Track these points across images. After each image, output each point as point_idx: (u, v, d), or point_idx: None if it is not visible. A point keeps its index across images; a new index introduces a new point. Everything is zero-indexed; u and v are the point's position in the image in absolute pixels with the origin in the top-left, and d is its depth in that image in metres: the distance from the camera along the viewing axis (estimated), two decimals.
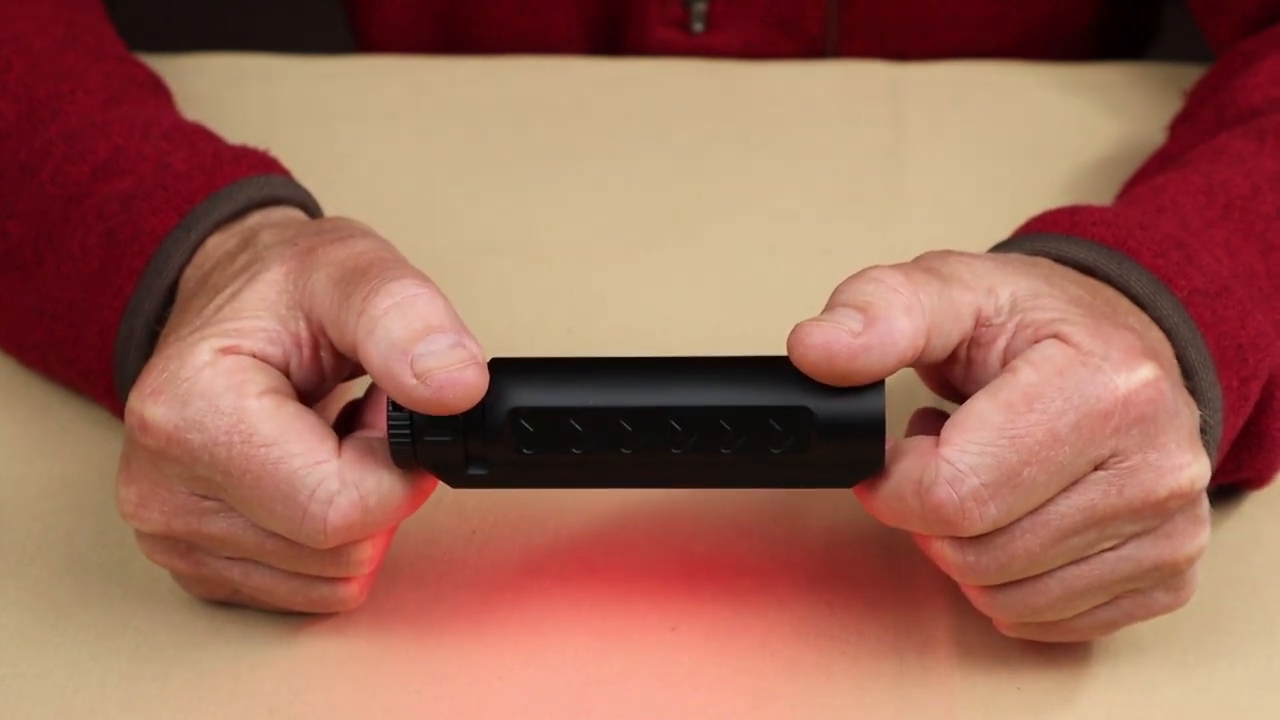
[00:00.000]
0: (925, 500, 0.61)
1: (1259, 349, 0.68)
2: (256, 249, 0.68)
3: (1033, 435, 0.60)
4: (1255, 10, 0.87)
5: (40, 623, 0.70)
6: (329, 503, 0.62)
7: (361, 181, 0.90)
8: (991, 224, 0.87)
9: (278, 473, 0.61)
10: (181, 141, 0.74)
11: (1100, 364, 0.61)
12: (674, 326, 0.82)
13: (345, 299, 0.62)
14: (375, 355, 0.61)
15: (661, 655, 0.68)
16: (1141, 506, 0.62)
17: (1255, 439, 0.70)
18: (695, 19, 0.99)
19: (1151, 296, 0.66)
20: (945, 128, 0.94)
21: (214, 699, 0.67)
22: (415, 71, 0.97)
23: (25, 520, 0.74)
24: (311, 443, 0.62)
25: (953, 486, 0.60)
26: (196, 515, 0.64)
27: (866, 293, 0.62)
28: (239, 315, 0.64)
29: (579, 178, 0.91)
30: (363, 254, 0.64)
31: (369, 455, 0.63)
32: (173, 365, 0.63)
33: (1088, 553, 0.62)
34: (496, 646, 0.69)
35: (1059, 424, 0.60)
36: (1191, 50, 0.98)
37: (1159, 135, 0.90)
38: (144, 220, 0.71)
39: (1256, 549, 0.72)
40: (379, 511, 0.63)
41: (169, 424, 0.62)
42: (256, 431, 0.62)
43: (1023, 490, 0.60)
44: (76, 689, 0.68)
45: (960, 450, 0.60)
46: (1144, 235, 0.68)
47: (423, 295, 0.62)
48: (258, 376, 0.63)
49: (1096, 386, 0.60)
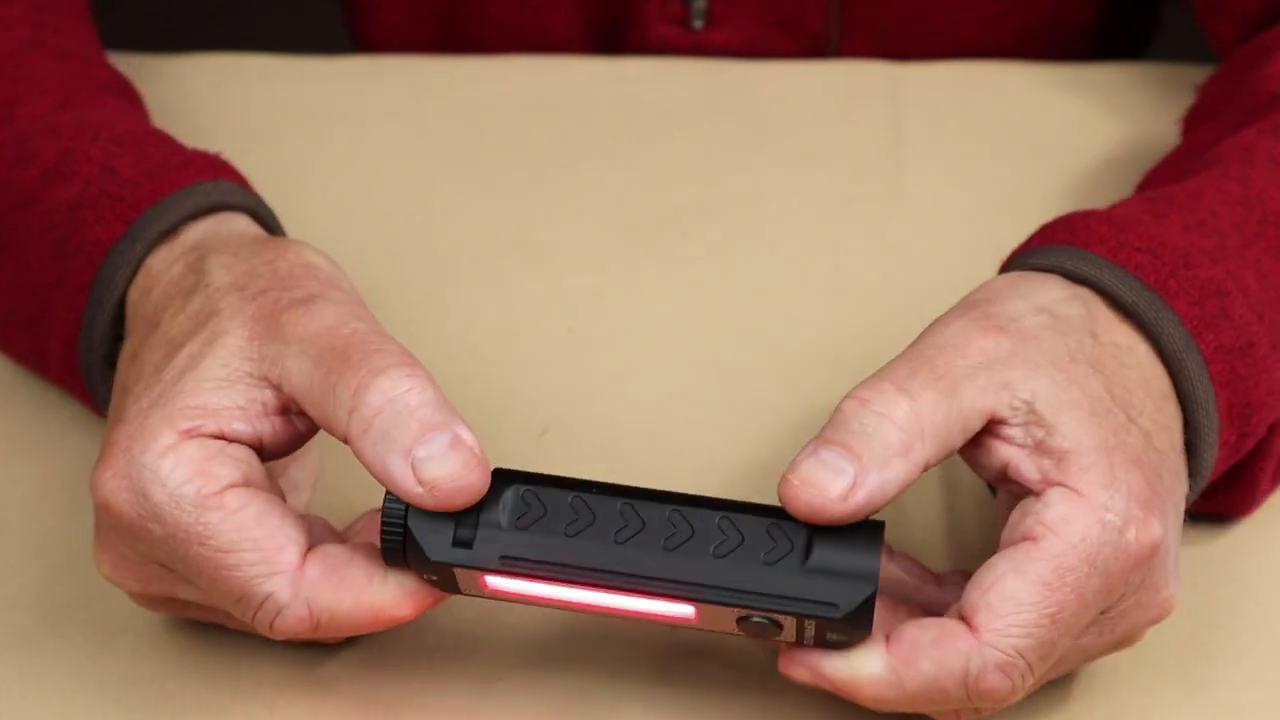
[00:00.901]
0: (976, 689, 0.60)
1: (1266, 407, 0.68)
2: (209, 291, 0.66)
3: (1068, 609, 0.61)
4: (1256, 10, 0.87)
5: (40, 623, 0.70)
6: (276, 614, 0.61)
7: (361, 181, 0.90)
8: (991, 224, 0.87)
9: (231, 578, 0.61)
10: (131, 145, 0.73)
11: (1114, 521, 0.61)
12: (674, 326, 0.82)
13: (330, 390, 0.61)
14: (373, 457, 0.60)
15: (662, 655, 0.68)
16: (1124, 639, 0.64)
17: (1236, 473, 0.71)
18: (695, 16, 0.99)
19: (1180, 357, 0.66)
20: (945, 128, 0.94)
21: (214, 699, 0.67)
22: (415, 71, 0.97)
23: (25, 520, 0.74)
24: (268, 551, 0.61)
25: (1006, 674, 0.60)
26: (168, 583, 0.64)
27: (866, 433, 0.61)
28: (201, 389, 0.63)
29: (579, 178, 0.91)
30: (335, 330, 0.63)
31: (335, 570, 0.62)
32: (135, 448, 0.62)
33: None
34: (496, 646, 0.69)
35: (1087, 591, 0.61)
36: (1191, 50, 0.98)
37: (1159, 135, 0.90)
38: (89, 230, 0.70)
39: (1255, 550, 0.72)
40: (334, 627, 0.62)
41: (131, 511, 0.62)
42: (214, 535, 0.61)
43: (1053, 658, 0.62)
44: (76, 689, 0.68)
45: (1004, 636, 0.60)
46: (1187, 277, 0.67)
47: (414, 389, 0.61)
48: (222, 468, 0.62)
49: (1116, 550, 0.61)
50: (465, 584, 0.62)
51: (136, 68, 0.95)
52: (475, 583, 0.62)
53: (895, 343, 0.68)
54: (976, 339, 0.63)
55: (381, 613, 0.62)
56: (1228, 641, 0.69)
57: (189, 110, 0.93)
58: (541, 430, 0.77)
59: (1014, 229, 0.75)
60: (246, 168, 0.76)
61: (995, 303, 0.66)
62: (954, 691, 0.60)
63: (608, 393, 0.79)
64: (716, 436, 0.77)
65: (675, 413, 0.78)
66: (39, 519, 0.74)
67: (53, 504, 0.74)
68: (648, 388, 0.79)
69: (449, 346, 0.80)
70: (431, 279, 0.85)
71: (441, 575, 0.62)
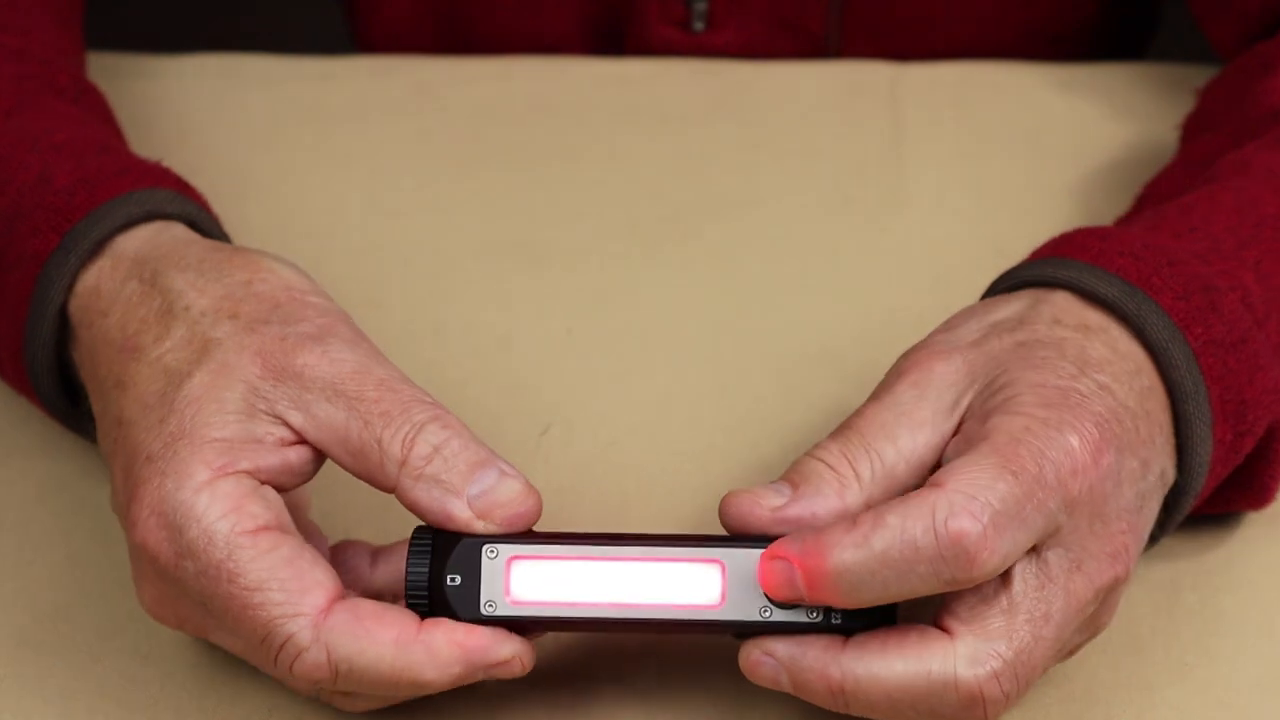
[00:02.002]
0: (946, 534, 0.59)
1: (1262, 406, 0.67)
2: (190, 316, 0.66)
3: (1026, 473, 0.60)
4: (1256, 9, 0.87)
5: (40, 623, 0.70)
6: (295, 656, 0.61)
7: (361, 181, 0.90)
8: (991, 224, 0.87)
9: (256, 618, 0.61)
10: (69, 154, 0.72)
11: (1058, 428, 0.61)
12: (674, 326, 0.82)
13: (375, 442, 0.63)
14: (429, 501, 0.62)
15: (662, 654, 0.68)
16: (1086, 576, 0.63)
17: (1246, 480, 0.70)
18: (696, 18, 0.99)
19: (1165, 345, 0.66)
20: (945, 128, 0.94)
21: (214, 699, 0.67)
22: (415, 71, 0.97)
23: (25, 520, 0.74)
24: (294, 593, 0.61)
25: (975, 517, 0.60)
26: (205, 626, 0.64)
27: (802, 469, 0.64)
28: (225, 423, 0.63)
29: (579, 178, 0.91)
30: (361, 377, 0.64)
31: (361, 620, 0.62)
32: (169, 484, 0.62)
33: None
34: None
35: (1044, 470, 0.61)
36: (1191, 50, 0.98)
37: (1160, 135, 0.90)
38: (26, 242, 0.70)
39: (1256, 551, 0.72)
40: (356, 679, 0.62)
41: (168, 549, 0.62)
42: (243, 573, 0.61)
43: (1025, 529, 0.61)
44: (76, 689, 0.68)
45: (969, 482, 0.60)
46: (1171, 273, 0.67)
47: (454, 438, 0.63)
48: (255, 506, 0.62)
49: (1062, 451, 0.61)
50: (488, 589, 0.62)
51: (136, 68, 0.95)
52: (499, 583, 0.62)
53: (895, 342, 0.68)
54: (911, 377, 0.65)
55: (406, 671, 0.61)
56: (1228, 642, 0.69)
57: (189, 110, 0.93)
58: (541, 430, 0.77)
59: (1014, 229, 0.76)
60: (246, 168, 0.77)
61: (940, 334, 0.67)
62: (923, 541, 0.59)
63: (608, 393, 0.79)
64: (716, 436, 0.77)
65: (675, 413, 0.78)
66: (39, 519, 0.74)
67: (52, 504, 0.74)
68: (648, 388, 0.79)
69: (449, 346, 0.80)
70: (431, 279, 0.84)
71: (465, 574, 0.62)
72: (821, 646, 0.62)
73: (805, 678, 0.62)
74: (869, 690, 0.61)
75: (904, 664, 0.61)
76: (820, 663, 0.62)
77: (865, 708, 0.62)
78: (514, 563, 0.62)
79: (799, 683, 0.62)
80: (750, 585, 0.62)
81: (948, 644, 0.61)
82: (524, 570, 0.62)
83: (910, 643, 0.61)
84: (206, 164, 0.85)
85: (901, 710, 0.61)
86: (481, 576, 0.62)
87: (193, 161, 0.82)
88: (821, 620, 0.62)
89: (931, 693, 0.61)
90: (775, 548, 0.62)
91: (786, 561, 0.61)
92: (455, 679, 0.62)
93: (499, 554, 0.62)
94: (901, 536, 0.60)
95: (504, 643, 0.62)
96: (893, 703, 0.61)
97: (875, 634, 0.62)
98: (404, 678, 0.61)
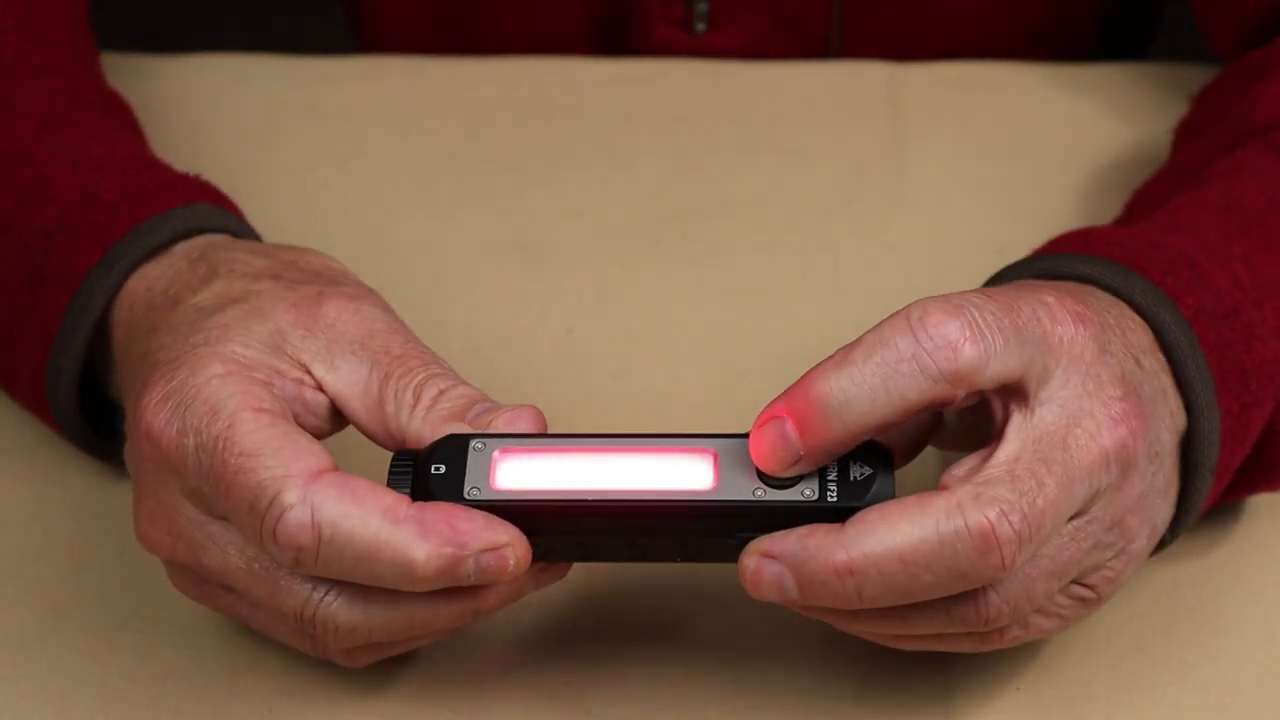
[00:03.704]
0: (924, 329, 0.60)
1: (1264, 375, 0.67)
2: (234, 275, 0.68)
3: (1007, 304, 0.61)
4: (1255, 9, 0.87)
5: (40, 623, 0.70)
6: (279, 517, 0.60)
7: (361, 181, 0.90)
8: (991, 224, 0.87)
9: (246, 482, 0.61)
10: (110, 170, 0.74)
11: (1089, 395, 0.61)
12: (674, 326, 0.82)
13: (391, 393, 0.64)
14: (431, 432, 0.63)
15: (662, 654, 0.68)
16: (1112, 523, 0.63)
17: (1266, 467, 0.70)
18: (698, 19, 0.99)
19: (1154, 309, 0.66)
20: (945, 128, 0.94)
21: (214, 699, 0.67)
22: (415, 71, 0.97)
23: (25, 520, 0.74)
24: (286, 459, 0.61)
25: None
26: (195, 543, 0.63)
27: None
28: (250, 344, 0.64)
29: (579, 178, 0.91)
30: (389, 337, 0.66)
31: (351, 488, 0.61)
32: (182, 373, 0.63)
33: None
34: (496, 644, 0.69)
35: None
36: (1192, 50, 0.98)
37: (1160, 135, 0.90)
38: (66, 258, 0.71)
39: (1256, 549, 0.72)
40: (336, 544, 0.60)
41: (170, 429, 0.62)
42: (239, 440, 0.61)
43: (1000, 336, 0.60)
44: (76, 689, 0.68)
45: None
46: (1154, 254, 0.68)
47: (462, 385, 0.65)
48: (262, 393, 0.63)
49: (1094, 420, 0.61)
50: (473, 477, 0.61)
51: (137, 68, 0.95)
52: (484, 471, 0.61)
53: None
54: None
55: (391, 545, 0.60)
56: (1229, 642, 0.69)
57: (189, 110, 0.93)
58: None
59: (1014, 229, 0.76)
60: (246, 168, 0.77)
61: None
62: (902, 344, 0.60)
63: (608, 393, 0.79)
64: None
65: (675, 413, 0.78)
66: (39, 519, 0.74)
67: (53, 504, 0.74)
68: (648, 388, 0.79)
69: (449, 347, 0.80)
70: (431, 279, 0.85)
71: (450, 464, 0.62)
72: (822, 533, 0.60)
73: (810, 568, 0.59)
74: (881, 563, 0.59)
75: (910, 526, 0.59)
76: (824, 549, 0.59)
77: (879, 588, 0.59)
78: (501, 455, 0.62)
79: (805, 577, 0.60)
80: (742, 468, 0.61)
81: (949, 496, 0.60)
82: (511, 462, 0.62)
83: (910, 506, 0.60)
84: (206, 164, 0.85)
85: (918, 577, 0.59)
86: (467, 465, 0.62)
87: (193, 161, 0.82)
88: (817, 499, 0.60)
89: (944, 545, 0.59)
90: (764, 422, 0.61)
91: (777, 418, 0.60)
92: (442, 566, 0.60)
93: (486, 446, 0.62)
94: (880, 339, 0.60)
95: (497, 528, 0.61)
96: (908, 571, 0.59)
97: (874, 509, 0.60)
98: (388, 553, 0.60)
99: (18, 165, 0.74)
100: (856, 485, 0.61)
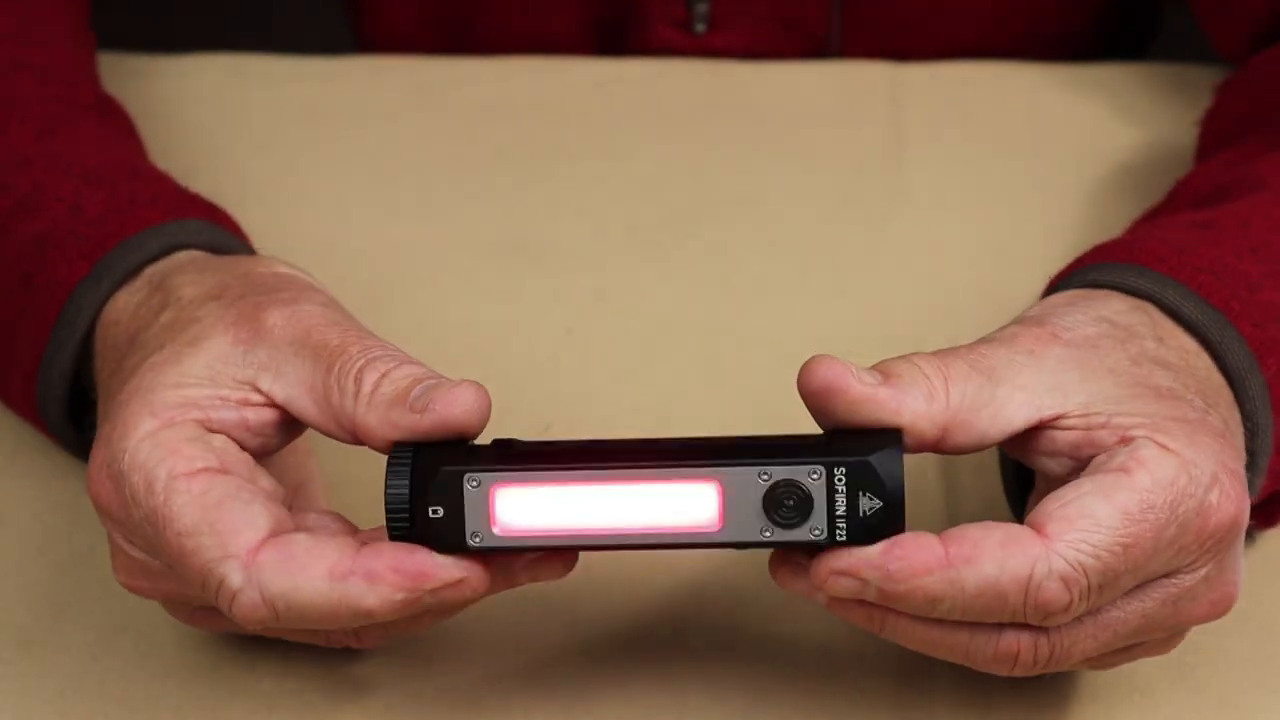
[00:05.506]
0: (1035, 597, 0.59)
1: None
2: (180, 304, 0.67)
3: (1141, 546, 0.59)
4: (1257, 10, 0.87)
5: (40, 623, 0.70)
6: (231, 599, 0.60)
7: (362, 181, 0.90)
8: (991, 224, 0.87)
9: (191, 564, 0.61)
10: (101, 182, 0.73)
11: (1201, 478, 0.60)
12: (674, 326, 0.82)
13: (334, 385, 0.62)
14: (378, 421, 0.61)
15: (662, 655, 0.68)
16: (1186, 619, 0.62)
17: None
18: (698, 19, 0.99)
19: (1243, 377, 0.65)
20: (945, 128, 0.94)
21: (214, 699, 0.67)
22: (415, 71, 0.97)
23: (25, 520, 0.74)
24: (223, 535, 0.60)
25: (1068, 587, 0.59)
26: (174, 580, 0.63)
27: (897, 366, 0.61)
28: (184, 383, 0.63)
29: (579, 178, 0.91)
30: (325, 328, 0.64)
31: (292, 557, 0.60)
32: (115, 435, 0.62)
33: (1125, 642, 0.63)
34: (496, 645, 0.69)
35: (1163, 536, 0.60)
36: (1193, 50, 0.98)
37: (1161, 135, 0.90)
38: (55, 269, 0.71)
39: (1256, 549, 0.72)
40: (294, 614, 0.60)
41: (114, 499, 0.62)
42: (176, 518, 0.61)
43: (1112, 593, 0.60)
44: (76, 689, 0.68)
45: (1075, 548, 0.59)
46: (1249, 300, 0.67)
47: (403, 364, 0.62)
48: (193, 450, 0.62)
49: (1199, 506, 0.60)
50: (472, 520, 0.61)
51: (137, 68, 0.95)
52: (483, 512, 0.61)
53: (895, 343, 0.68)
54: (1027, 342, 0.63)
55: (345, 603, 0.60)
56: (1229, 642, 0.69)
57: (189, 110, 0.93)
58: (542, 429, 0.77)
59: (1014, 229, 0.75)
60: (246, 168, 0.77)
61: (1051, 316, 0.65)
62: (1012, 597, 0.58)
63: (608, 393, 0.79)
64: None
65: (675, 413, 0.78)
66: (39, 519, 0.74)
67: (53, 503, 0.74)
68: (648, 388, 0.79)
69: (449, 347, 0.80)
70: (431, 279, 0.85)
71: (447, 506, 0.60)
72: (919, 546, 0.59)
73: (899, 590, 0.59)
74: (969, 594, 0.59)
75: (994, 567, 0.59)
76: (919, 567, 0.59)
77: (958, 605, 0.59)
78: (497, 491, 0.61)
79: (891, 590, 0.59)
80: (748, 502, 0.60)
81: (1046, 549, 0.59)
82: (509, 498, 0.61)
83: (1008, 545, 0.59)
84: (206, 164, 0.85)
85: (990, 608, 0.59)
86: (464, 508, 0.60)
87: (193, 161, 0.82)
88: (826, 537, 0.60)
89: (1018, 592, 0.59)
90: (850, 563, 0.59)
91: (857, 579, 0.59)
92: (401, 605, 0.60)
93: (481, 483, 0.60)
94: (994, 586, 0.58)
95: (449, 565, 0.60)
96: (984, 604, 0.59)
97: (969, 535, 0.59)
98: (344, 609, 0.60)
99: (15, 172, 0.74)
100: (866, 521, 0.60)
